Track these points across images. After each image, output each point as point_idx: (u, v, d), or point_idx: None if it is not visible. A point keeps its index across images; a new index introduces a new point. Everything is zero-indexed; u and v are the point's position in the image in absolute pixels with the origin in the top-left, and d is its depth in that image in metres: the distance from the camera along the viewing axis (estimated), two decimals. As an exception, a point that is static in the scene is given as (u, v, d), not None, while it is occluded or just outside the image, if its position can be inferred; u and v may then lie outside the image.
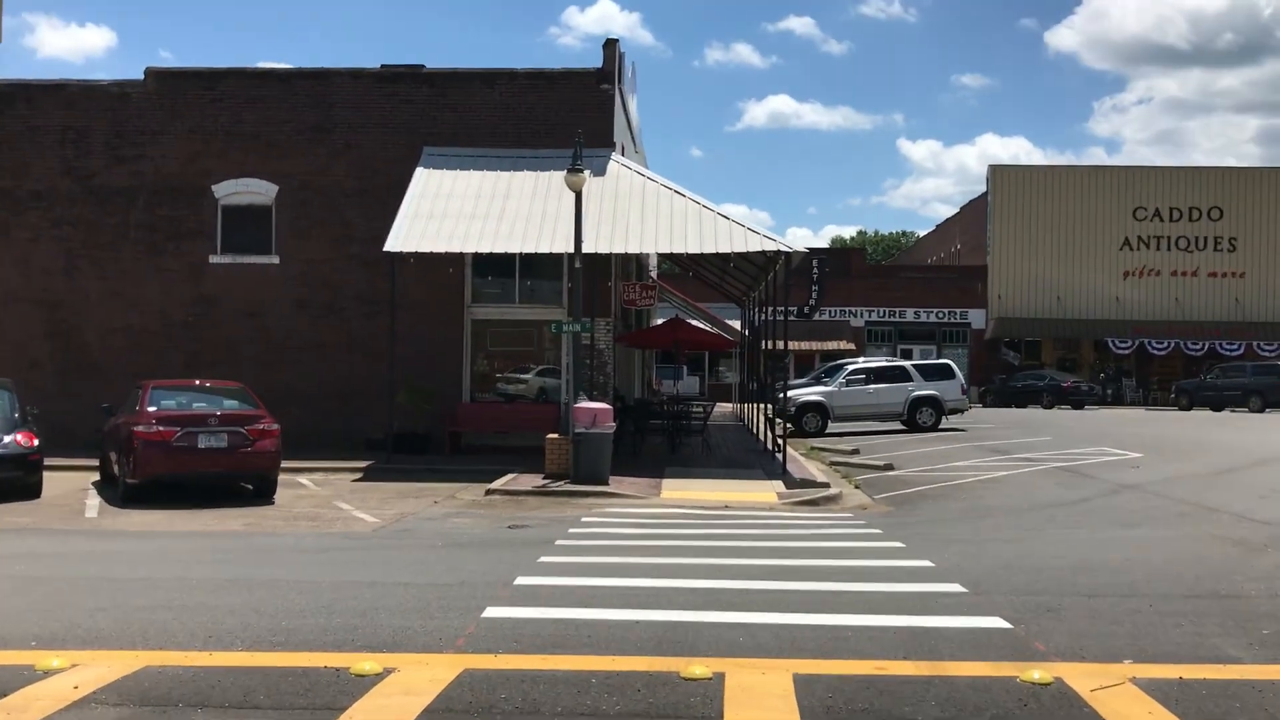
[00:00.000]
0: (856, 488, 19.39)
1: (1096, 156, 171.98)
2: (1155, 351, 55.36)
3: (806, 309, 53.03)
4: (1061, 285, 57.04)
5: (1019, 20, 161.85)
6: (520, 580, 9.85)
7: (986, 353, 57.22)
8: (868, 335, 58.53)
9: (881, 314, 58.70)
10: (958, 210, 69.46)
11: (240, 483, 17.27)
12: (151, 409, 16.55)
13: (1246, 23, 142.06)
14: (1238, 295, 56.63)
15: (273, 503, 16.75)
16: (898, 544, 12.40)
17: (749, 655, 7.32)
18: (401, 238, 21.17)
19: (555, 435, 19.46)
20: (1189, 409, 47.11)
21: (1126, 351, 55.68)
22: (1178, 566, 10.68)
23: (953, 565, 10.83)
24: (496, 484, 18.27)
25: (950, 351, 55.53)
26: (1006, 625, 8.17)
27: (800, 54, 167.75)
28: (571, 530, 13.65)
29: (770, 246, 20.83)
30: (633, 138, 30.11)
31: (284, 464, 20.83)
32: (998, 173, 59.16)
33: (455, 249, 21.08)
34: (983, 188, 60.75)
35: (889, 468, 22.26)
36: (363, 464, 21.37)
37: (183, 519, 14.76)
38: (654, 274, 45.60)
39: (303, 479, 20.15)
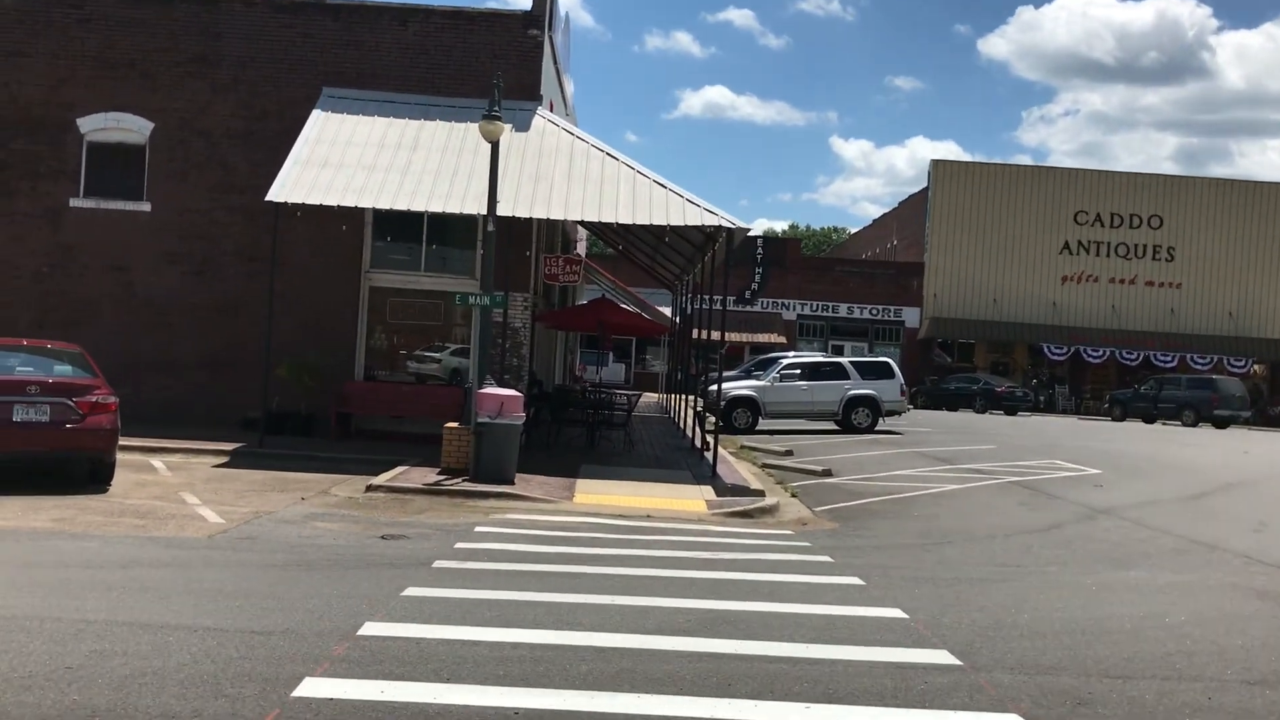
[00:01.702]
0: (794, 496, 17.14)
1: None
2: (1091, 359, 54.27)
3: (748, 294, 50.72)
4: (998, 287, 55.70)
5: (953, 25, 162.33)
6: (368, 629, 7.32)
7: (919, 352, 55.66)
8: (800, 329, 56.61)
9: (815, 308, 56.83)
10: (896, 205, 67.96)
11: (73, 464, 14.38)
12: (-42, 371, 13.61)
13: (1171, 43, 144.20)
14: (1173, 306, 55.81)
15: (106, 490, 13.92)
16: (855, 580, 10.10)
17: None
18: (289, 187, 18.35)
19: (455, 424, 16.85)
20: (1122, 420, 46.11)
21: (1062, 358, 54.53)
22: (1211, 630, 8.52)
23: (930, 618, 8.55)
24: (381, 478, 15.63)
25: (883, 349, 53.87)
26: (1032, 731, 5.87)
27: (739, 46, 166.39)
28: (459, 545, 11.12)
29: (711, 221, 18.42)
30: (564, 99, 27.49)
31: (140, 443, 18.05)
32: (939, 168, 57.59)
33: (350, 203, 18.30)
34: (912, 189, 59.40)
35: (828, 474, 20.07)
36: (232, 446, 18.54)
37: (-22, 510, 11.90)
38: (582, 252, 43.02)
39: (157, 461, 17.29)
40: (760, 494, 16.48)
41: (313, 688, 5.96)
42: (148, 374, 20.88)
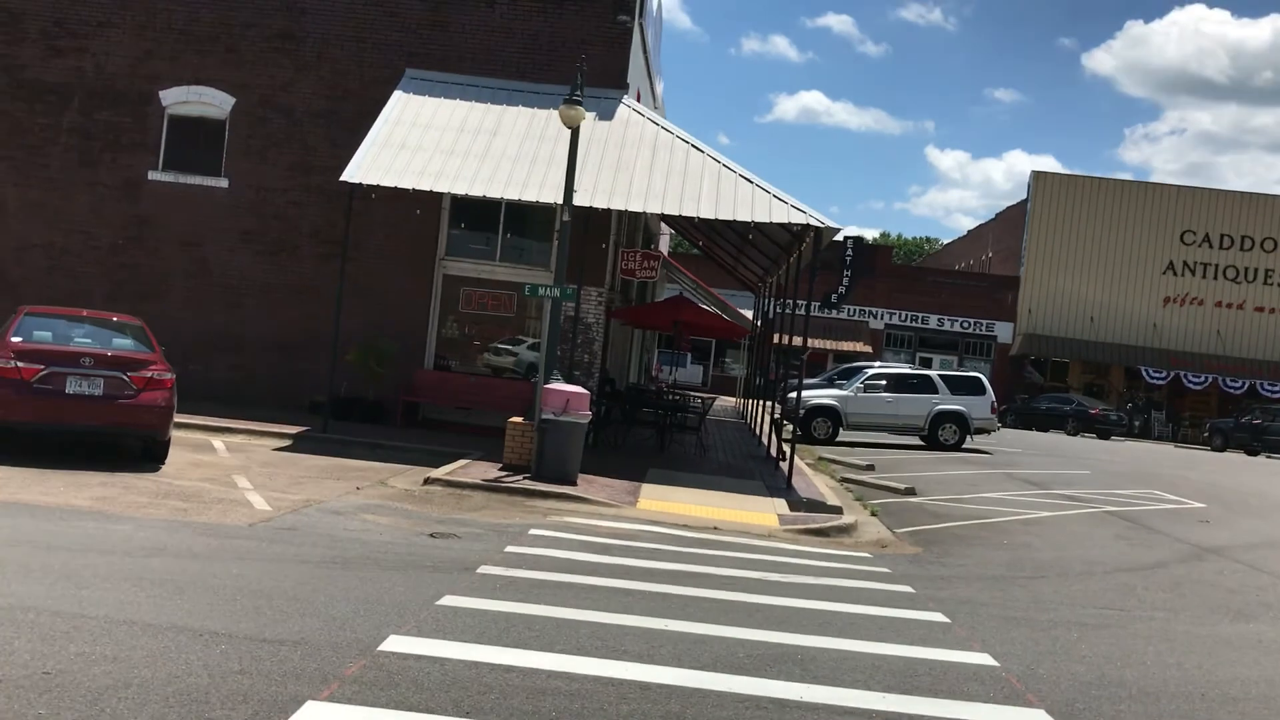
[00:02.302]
0: (873, 515, 16.13)
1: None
2: (1192, 385, 51.83)
3: (834, 299, 49.28)
4: (1096, 305, 53.53)
5: (1058, 39, 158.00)
6: (391, 643, 6.59)
7: (1010, 369, 53.73)
8: (887, 339, 55.09)
9: (903, 318, 55.21)
10: (993, 216, 65.87)
11: (124, 440, 14.01)
12: (16, 339, 13.28)
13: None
14: (1284, 334, 53.06)
15: (158, 470, 13.51)
16: (938, 617, 9.12)
17: None
18: (364, 168, 17.87)
19: (519, 419, 16.18)
20: (1222, 450, 43.93)
21: (1161, 382, 52.15)
22: (1353, 705, 7.38)
23: (1024, 669, 7.56)
24: (440, 471, 15.01)
25: (972, 364, 52.18)
26: (1152, 827, 4.90)
27: (837, 52, 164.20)
28: (509, 549, 10.40)
29: (799, 219, 17.48)
30: (653, 92, 26.74)
31: (204, 421, 17.78)
32: (1041, 180, 55.59)
33: (425, 186, 17.74)
34: (1007, 203, 57.48)
35: (910, 492, 18.99)
36: (296, 430, 18.12)
37: (23, 481, 11.51)
38: (665, 250, 42.17)
39: (218, 441, 16.92)
40: (837, 511, 15.51)
41: (311, 715, 5.23)
42: (218, 352, 20.64)
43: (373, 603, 7.62)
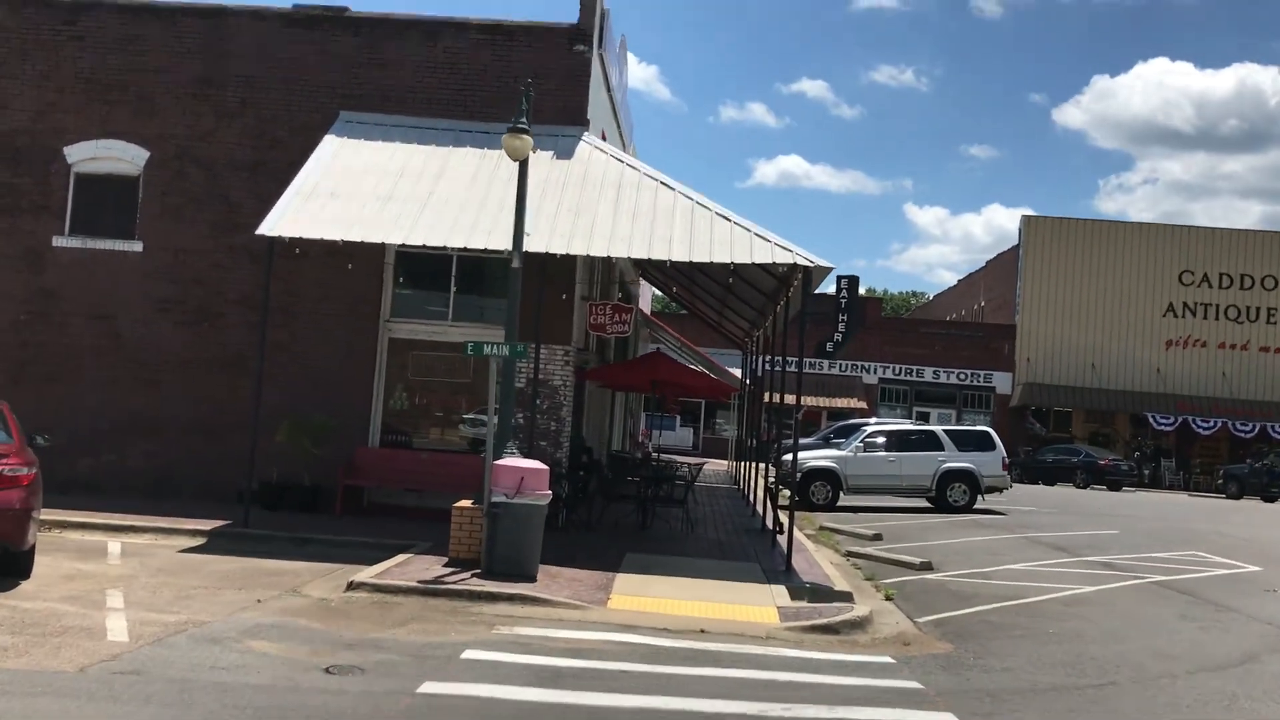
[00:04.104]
0: (888, 599, 13.69)
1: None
2: (1200, 430, 49.52)
3: (830, 347, 46.91)
4: (1097, 351, 51.40)
5: (1028, 95, 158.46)
6: None
7: (1011, 421, 51.33)
8: (881, 394, 52.75)
9: (897, 371, 52.95)
10: (984, 264, 64.00)
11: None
12: None
13: (1253, 110, 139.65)
14: (1293, 374, 50.92)
15: (15, 586, 11.02)
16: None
17: None
18: (287, 219, 15.59)
19: (466, 503, 13.73)
20: (1238, 497, 41.70)
21: (1169, 429, 49.84)
22: None
23: None
24: (368, 573, 12.48)
25: (971, 417, 49.88)
26: None
27: (813, 116, 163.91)
28: (424, 689, 7.93)
29: (784, 258, 15.19)
30: (620, 129, 24.65)
31: (107, 519, 15.33)
32: (1031, 224, 53.72)
33: (354, 237, 15.44)
34: (988, 256, 55.53)
35: (927, 567, 16.53)
36: (212, 525, 15.58)
37: None
38: (648, 309, 39.91)
39: (116, 543, 14.42)
40: (847, 598, 13.04)
41: None
42: (134, 437, 18.20)
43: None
